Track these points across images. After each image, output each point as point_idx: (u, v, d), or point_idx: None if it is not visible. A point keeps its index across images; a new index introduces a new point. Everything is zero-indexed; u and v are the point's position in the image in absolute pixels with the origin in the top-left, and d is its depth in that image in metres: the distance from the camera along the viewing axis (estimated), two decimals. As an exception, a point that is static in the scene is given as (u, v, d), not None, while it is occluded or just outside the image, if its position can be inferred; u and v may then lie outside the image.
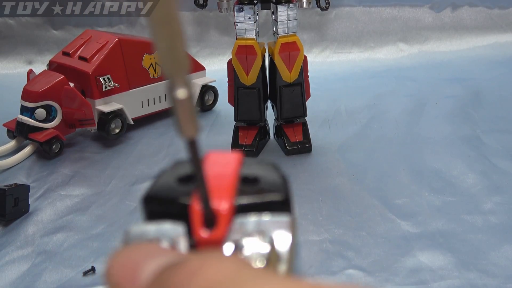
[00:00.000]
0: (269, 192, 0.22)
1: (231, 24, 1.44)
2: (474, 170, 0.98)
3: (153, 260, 0.18)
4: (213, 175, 0.22)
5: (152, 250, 0.19)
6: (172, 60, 0.19)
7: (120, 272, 0.19)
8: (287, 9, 0.99)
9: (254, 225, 0.21)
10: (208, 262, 0.17)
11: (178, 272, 0.17)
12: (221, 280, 0.17)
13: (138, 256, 0.19)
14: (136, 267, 0.18)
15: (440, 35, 1.59)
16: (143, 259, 0.19)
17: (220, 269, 0.17)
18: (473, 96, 1.29)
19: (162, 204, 0.22)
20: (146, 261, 0.18)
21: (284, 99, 1.04)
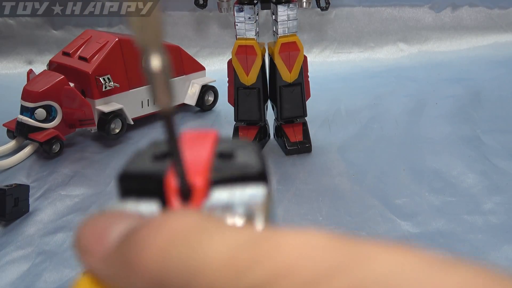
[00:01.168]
0: (244, 166, 0.22)
1: (231, 24, 1.44)
2: (474, 170, 0.98)
3: (120, 224, 0.19)
4: (188, 151, 0.23)
5: (118, 216, 0.20)
6: (145, 29, 0.19)
7: (88, 237, 0.19)
8: (287, 9, 0.99)
9: (228, 197, 0.21)
10: (172, 217, 0.18)
11: (142, 230, 0.18)
12: (184, 231, 0.17)
13: (105, 222, 0.19)
14: (103, 232, 0.19)
15: (440, 35, 1.59)
16: (110, 224, 0.19)
17: (183, 221, 0.17)
18: (473, 96, 1.29)
19: (138, 181, 0.22)
20: (113, 226, 0.19)
21: (284, 99, 1.04)
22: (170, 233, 0.17)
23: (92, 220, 0.20)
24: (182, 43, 1.42)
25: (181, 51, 1.26)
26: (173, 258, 0.17)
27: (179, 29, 1.55)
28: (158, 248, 0.17)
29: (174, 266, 0.16)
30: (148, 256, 0.17)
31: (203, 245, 0.17)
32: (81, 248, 0.19)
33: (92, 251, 0.19)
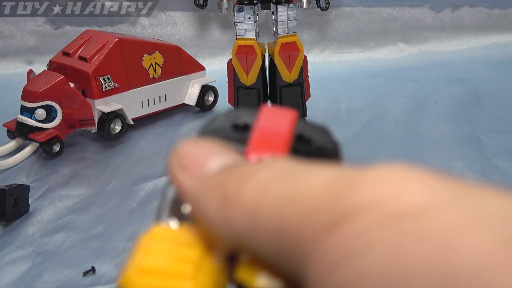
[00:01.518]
0: (322, 154, 0.22)
1: (231, 24, 1.44)
2: (474, 170, 0.98)
3: (221, 157, 0.20)
4: (267, 128, 0.22)
5: (220, 149, 0.20)
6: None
7: (189, 157, 0.20)
8: (287, 9, 0.99)
9: None
10: (269, 161, 0.19)
11: (243, 167, 0.19)
12: (282, 170, 0.18)
13: (207, 150, 0.20)
14: (204, 157, 0.20)
15: (440, 35, 1.59)
16: (212, 153, 0.20)
17: (280, 163, 0.18)
18: (473, 96, 1.29)
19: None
20: (213, 156, 0.20)
21: (284, 99, 1.04)
22: (269, 172, 0.18)
23: (194, 143, 0.20)
24: (182, 43, 1.42)
25: (181, 51, 1.26)
26: (272, 192, 0.17)
27: (179, 29, 1.55)
28: (258, 183, 0.17)
29: (272, 199, 0.17)
30: (247, 190, 0.17)
31: (301, 178, 0.17)
32: (178, 164, 0.20)
33: (191, 169, 0.19)
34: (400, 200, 0.15)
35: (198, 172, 0.19)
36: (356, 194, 0.16)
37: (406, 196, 0.15)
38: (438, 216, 0.14)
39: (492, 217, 0.14)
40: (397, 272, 0.14)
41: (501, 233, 0.14)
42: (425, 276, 0.14)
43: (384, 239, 0.15)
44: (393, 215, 0.15)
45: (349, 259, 0.15)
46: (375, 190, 0.16)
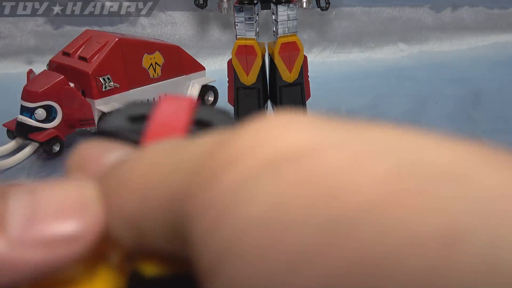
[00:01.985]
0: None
1: (231, 24, 1.44)
2: (474, 170, 0.98)
3: (115, 152, 0.20)
4: (164, 116, 0.22)
5: (113, 146, 0.21)
6: None
7: (85, 157, 0.20)
8: (287, 9, 0.99)
9: None
10: (153, 146, 0.19)
11: (127, 161, 0.19)
12: (162, 153, 0.18)
13: (103, 148, 0.20)
14: (100, 155, 0.20)
15: (440, 35, 1.59)
16: (106, 150, 0.20)
17: (160, 147, 0.18)
18: (473, 96, 1.29)
19: (113, 140, 0.23)
20: (109, 152, 0.20)
21: (284, 99, 1.04)
22: (159, 150, 0.18)
23: (90, 144, 0.21)
24: (182, 43, 1.41)
25: (181, 51, 1.26)
26: (161, 165, 0.17)
27: (179, 29, 1.55)
28: (147, 161, 0.18)
29: (161, 172, 0.17)
30: (137, 170, 0.17)
31: (187, 147, 0.17)
32: (76, 165, 0.20)
33: (88, 168, 0.20)
34: (278, 143, 0.14)
35: (95, 167, 0.19)
36: (234, 144, 0.15)
37: (285, 139, 0.14)
38: (323, 156, 0.13)
39: (382, 151, 0.13)
40: (281, 220, 0.13)
41: (392, 166, 0.13)
42: (310, 223, 0.12)
43: (264, 186, 0.13)
44: (272, 159, 0.14)
45: (230, 211, 0.14)
46: (253, 137, 0.14)
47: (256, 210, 0.13)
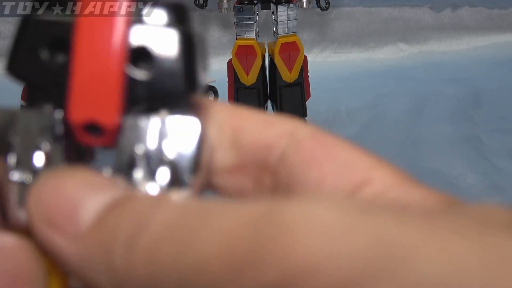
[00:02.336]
0: (167, 77, 0.17)
1: (231, 24, 1.44)
2: (474, 170, 0.98)
3: (96, 196, 0.16)
4: (92, 41, 0.17)
5: (92, 182, 0.16)
6: None
7: (55, 206, 0.15)
8: (287, 9, 0.99)
9: (151, 134, 0.17)
10: (159, 203, 0.15)
11: (126, 214, 0.15)
12: (175, 220, 0.15)
13: (76, 189, 0.16)
14: (76, 203, 0.15)
15: (440, 35, 1.59)
16: (83, 193, 0.16)
17: (168, 212, 0.15)
18: (473, 96, 1.29)
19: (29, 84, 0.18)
20: (87, 197, 0.15)
21: (284, 99, 1.04)
22: (167, 215, 0.15)
23: (56, 180, 0.16)
24: (182, 43, 1.42)
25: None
26: (165, 256, 0.14)
27: (179, 29, 1.55)
28: (156, 230, 0.14)
29: (167, 266, 0.14)
30: (137, 252, 0.14)
31: (198, 236, 0.14)
32: (44, 218, 0.16)
33: (62, 226, 0.15)
34: (317, 277, 0.13)
35: (72, 229, 0.15)
36: (262, 270, 0.13)
37: (325, 269, 0.13)
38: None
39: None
40: None
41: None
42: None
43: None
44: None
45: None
46: (285, 264, 0.13)
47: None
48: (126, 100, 0.17)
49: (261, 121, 0.20)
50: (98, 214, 0.15)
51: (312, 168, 0.18)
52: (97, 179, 0.16)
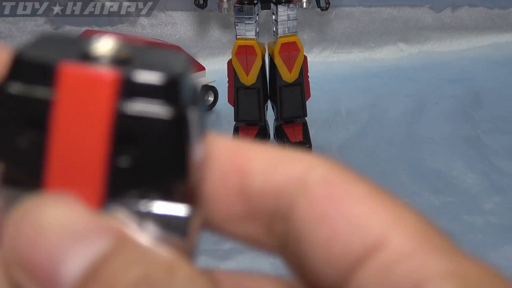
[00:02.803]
0: (156, 163, 0.15)
1: (231, 24, 1.44)
2: (474, 170, 0.98)
3: (82, 247, 0.14)
4: (72, 124, 0.15)
5: (77, 225, 0.14)
6: None
7: (32, 255, 0.13)
8: (287, 9, 0.99)
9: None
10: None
11: (117, 272, 0.13)
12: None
13: (58, 237, 0.13)
14: (57, 257, 0.13)
15: (440, 35, 1.59)
16: (67, 243, 0.13)
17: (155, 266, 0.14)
18: (473, 96, 1.29)
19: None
20: (72, 249, 0.13)
21: (284, 99, 1.04)
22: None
23: (38, 221, 0.14)
24: (182, 43, 1.42)
25: (181, 51, 1.26)
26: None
27: (179, 29, 1.55)
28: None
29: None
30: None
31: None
32: (22, 265, 0.14)
33: (40, 281, 0.14)
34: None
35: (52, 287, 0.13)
36: None
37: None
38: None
39: None
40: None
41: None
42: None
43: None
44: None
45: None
46: None
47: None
48: (110, 187, 0.15)
49: (269, 162, 0.17)
50: (85, 273, 0.13)
51: (322, 226, 0.16)
52: (84, 220, 0.14)
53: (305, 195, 0.17)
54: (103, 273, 0.13)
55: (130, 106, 0.15)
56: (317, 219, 0.16)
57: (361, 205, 0.17)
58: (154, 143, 0.15)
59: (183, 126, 0.15)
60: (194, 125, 0.16)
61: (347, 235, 0.16)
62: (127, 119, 0.15)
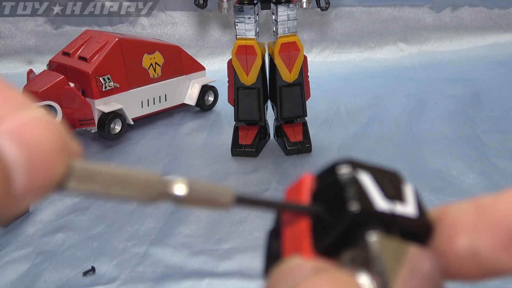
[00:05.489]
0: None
1: (231, 24, 1.44)
2: (474, 170, 0.98)
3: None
4: (290, 227, 0.22)
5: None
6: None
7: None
8: (287, 9, 0.99)
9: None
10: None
11: None
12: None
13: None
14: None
15: (440, 35, 1.59)
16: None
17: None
18: (473, 96, 1.29)
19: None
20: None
21: (284, 99, 1.04)
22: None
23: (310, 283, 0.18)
24: (182, 43, 1.42)
25: (181, 51, 1.26)
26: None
27: (179, 29, 1.55)
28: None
29: None
30: None
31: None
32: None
33: None
34: None
35: None
36: None
37: None
38: None
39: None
40: None
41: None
42: None
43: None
44: None
45: None
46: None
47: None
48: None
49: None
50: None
51: None
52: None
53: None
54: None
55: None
56: None
57: None
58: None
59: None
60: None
61: None
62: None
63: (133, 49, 1.18)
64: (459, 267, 0.20)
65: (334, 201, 0.20)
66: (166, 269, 0.79)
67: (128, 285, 0.76)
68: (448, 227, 0.20)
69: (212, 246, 0.83)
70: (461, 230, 0.20)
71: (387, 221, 0.20)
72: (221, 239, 0.85)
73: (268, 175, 1.01)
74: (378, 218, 0.20)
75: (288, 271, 0.18)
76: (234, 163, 1.05)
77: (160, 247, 0.83)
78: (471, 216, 0.20)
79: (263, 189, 0.97)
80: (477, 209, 0.20)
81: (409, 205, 0.21)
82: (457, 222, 0.20)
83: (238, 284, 0.76)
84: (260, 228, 0.86)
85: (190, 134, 1.18)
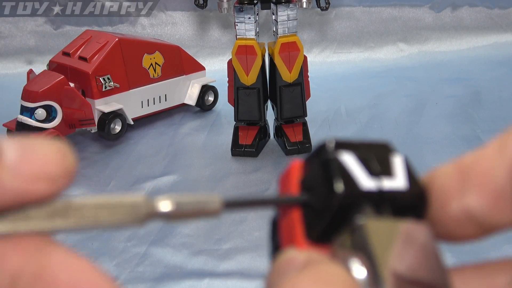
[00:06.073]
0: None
1: (231, 24, 1.44)
2: (474, 170, 0.98)
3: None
4: (282, 226, 0.23)
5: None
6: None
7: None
8: (287, 9, 0.99)
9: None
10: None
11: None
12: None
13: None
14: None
15: (440, 35, 1.59)
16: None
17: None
18: (473, 96, 1.29)
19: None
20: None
21: (284, 99, 1.04)
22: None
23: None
24: (182, 43, 1.41)
25: (181, 51, 1.26)
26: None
27: (179, 29, 1.55)
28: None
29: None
30: None
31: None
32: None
33: None
34: None
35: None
36: None
37: None
38: None
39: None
40: None
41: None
42: None
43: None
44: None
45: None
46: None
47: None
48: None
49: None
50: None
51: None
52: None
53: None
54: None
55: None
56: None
57: None
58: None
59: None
60: None
61: None
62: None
63: (133, 49, 1.18)
64: (458, 230, 0.20)
65: (320, 187, 0.20)
66: (166, 269, 0.79)
67: (128, 285, 0.76)
68: (438, 194, 0.20)
69: (212, 246, 0.83)
70: (451, 195, 0.20)
71: (376, 199, 0.20)
72: (221, 239, 0.85)
73: (268, 175, 1.01)
74: (365, 198, 0.20)
75: (282, 266, 0.18)
76: (234, 163, 1.05)
77: (160, 247, 0.83)
78: (457, 179, 0.20)
79: (263, 189, 0.97)
80: (461, 170, 0.20)
81: (397, 178, 0.21)
82: (445, 188, 0.20)
83: (238, 284, 0.76)
84: (260, 228, 0.86)
85: (190, 134, 1.18)
